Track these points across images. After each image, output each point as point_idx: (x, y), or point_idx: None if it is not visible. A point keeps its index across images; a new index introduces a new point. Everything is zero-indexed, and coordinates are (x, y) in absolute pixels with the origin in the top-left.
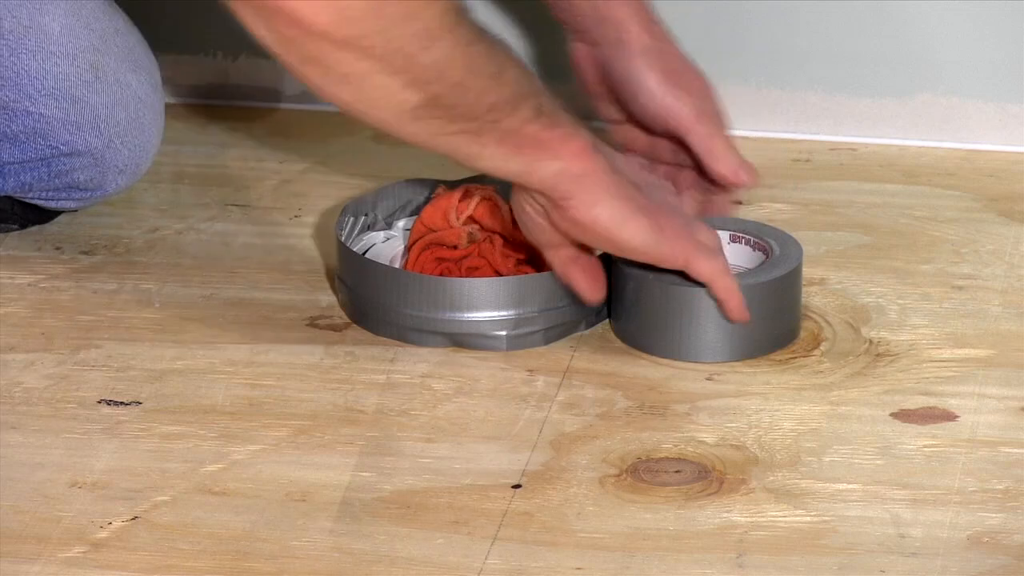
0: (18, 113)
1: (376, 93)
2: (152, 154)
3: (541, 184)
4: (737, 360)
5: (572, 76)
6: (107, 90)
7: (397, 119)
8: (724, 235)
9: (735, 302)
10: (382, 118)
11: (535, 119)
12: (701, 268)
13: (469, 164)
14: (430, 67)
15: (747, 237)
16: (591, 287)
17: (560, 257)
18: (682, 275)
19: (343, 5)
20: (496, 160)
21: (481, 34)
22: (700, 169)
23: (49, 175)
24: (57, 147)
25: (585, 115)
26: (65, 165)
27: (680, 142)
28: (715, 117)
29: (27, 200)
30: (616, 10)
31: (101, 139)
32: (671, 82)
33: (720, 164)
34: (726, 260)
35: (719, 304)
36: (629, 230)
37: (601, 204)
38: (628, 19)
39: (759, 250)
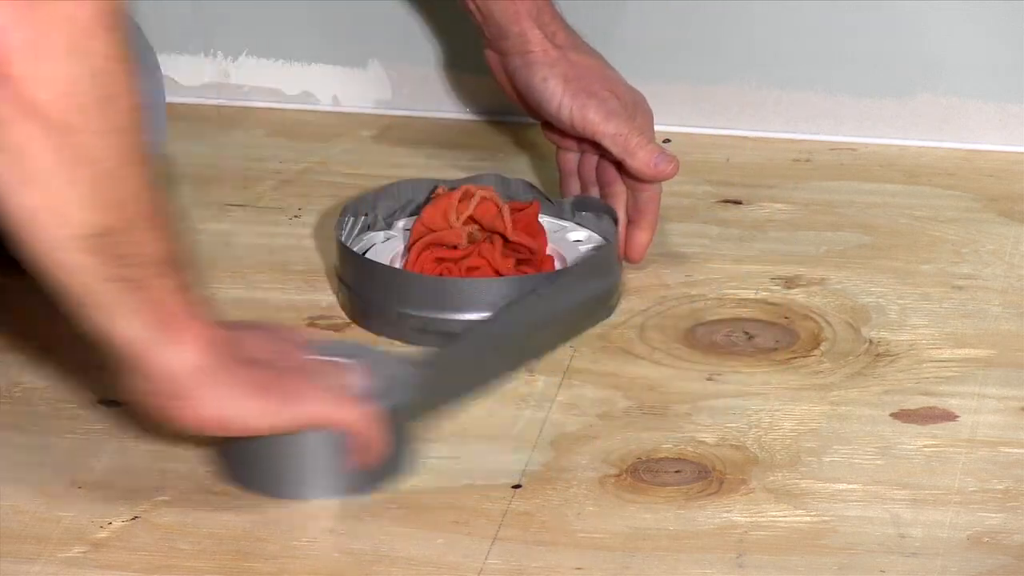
0: None
1: (54, 202)
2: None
3: (164, 375)
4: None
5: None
6: None
7: (58, 242)
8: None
9: (375, 449)
10: (43, 234)
11: (182, 290)
12: (341, 419)
13: (99, 331)
14: (118, 192)
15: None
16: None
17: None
18: None
19: (74, 88)
20: (132, 330)
21: (156, 181)
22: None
23: None
24: None
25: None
26: None
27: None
28: (624, 114)
29: None
30: (518, 20)
31: None
32: (574, 89)
33: (636, 161)
34: (363, 397)
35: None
36: (243, 419)
37: (212, 403)
38: (529, 29)
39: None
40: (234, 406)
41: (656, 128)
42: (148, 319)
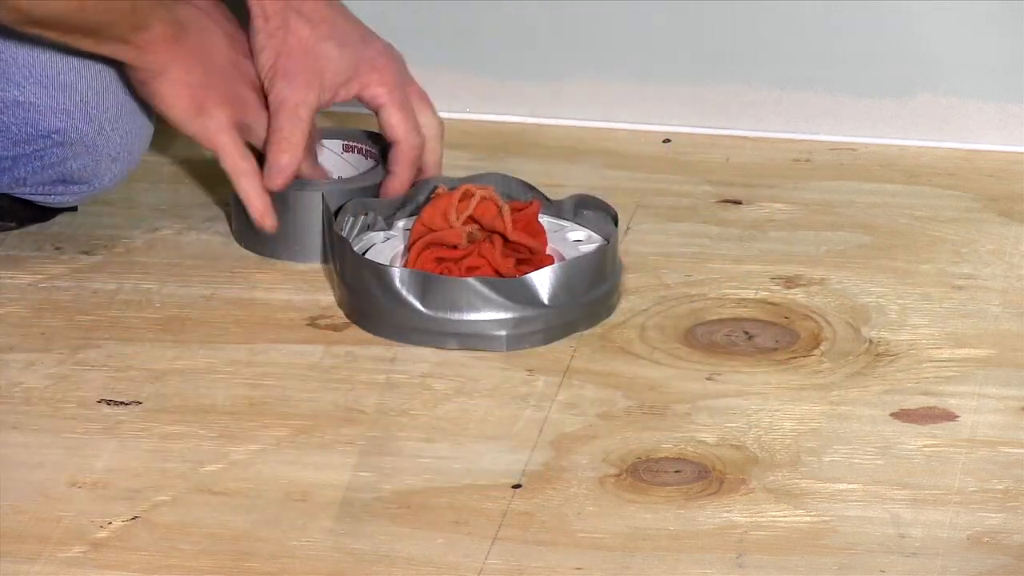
0: (7, 103)
1: None
2: (145, 141)
3: (129, 58)
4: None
5: None
6: (95, 76)
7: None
8: (336, 144)
9: (254, 205)
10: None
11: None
12: (224, 163)
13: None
14: None
15: (359, 146)
16: (259, 209)
17: (235, 168)
18: None
19: None
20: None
21: None
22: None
23: (42, 167)
24: (49, 136)
25: None
26: (57, 155)
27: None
28: (309, 80)
29: (24, 197)
30: None
31: (91, 125)
32: (281, 70)
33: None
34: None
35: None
36: (168, 105)
37: (156, 82)
38: (254, 5)
39: (371, 158)
40: (172, 94)
41: (656, 128)
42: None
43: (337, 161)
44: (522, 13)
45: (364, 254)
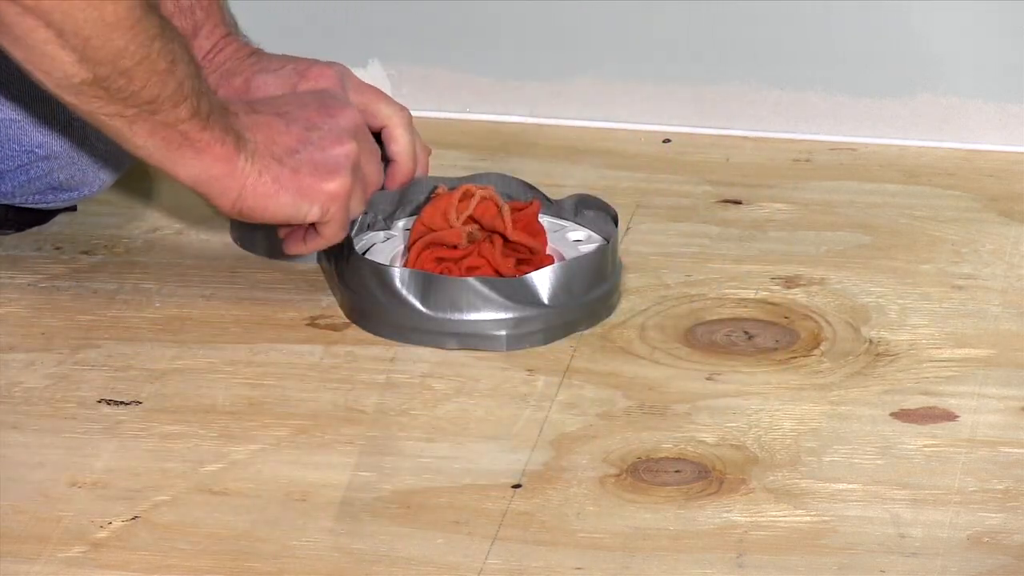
0: None
1: (46, 61)
2: None
3: (187, 181)
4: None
5: None
6: None
7: (59, 88)
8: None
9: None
10: (45, 83)
11: (190, 119)
12: (323, 230)
13: (123, 146)
14: (104, 53)
15: None
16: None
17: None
18: None
19: None
20: (147, 149)
21: (163, 29)
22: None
23: (28, 180)
24: (32, 151)
25: None
26: (42, 168)
27: None
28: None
29: (18, 205)
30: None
31: (74, 136)
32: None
33: None
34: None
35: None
36: (273, 211)
37: (241, 196)
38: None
39: None
40: (264, 198)
41: (656, 128)
42: (158, 141)
43: None
44: (522, 13)
45: (364, 254)
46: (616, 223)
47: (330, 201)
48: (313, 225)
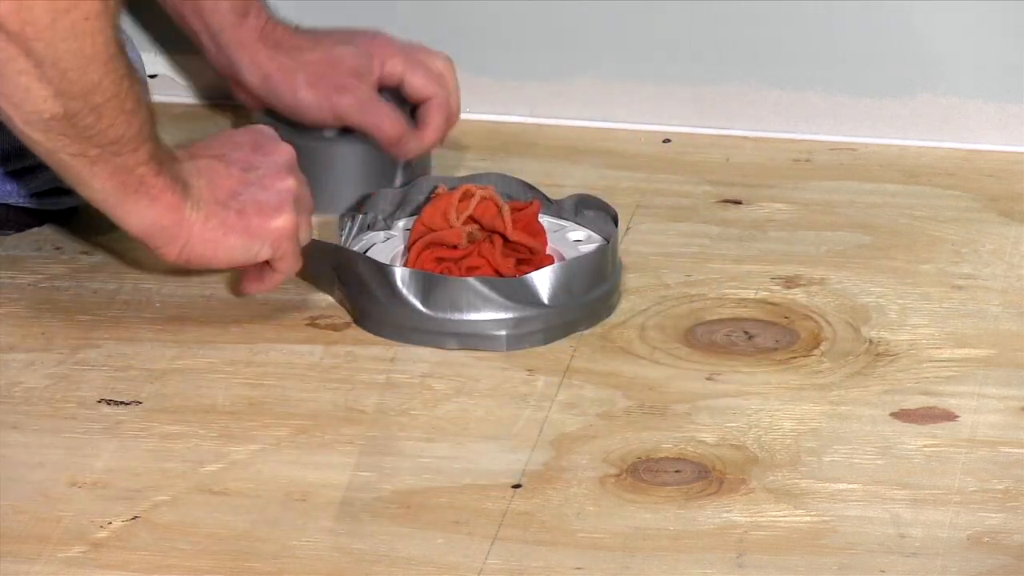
0: None
1: (19, 93)
2: None
3: (135, 229)
4: None
5: None
6: None
7: (26, 124)
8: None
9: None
10: (13, 117)
11: (147, 163)
12: (279, 265)
13: (77, 190)
14: (79, 87)
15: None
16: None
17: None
18: None
19: (27, 4)
20: (104, 193)
21: (129, 69)
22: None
23: (34, 183)
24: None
25: None
26: (48, 172)
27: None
28: (370, 96)
29: (19, 205)
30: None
31: None
32: (324, 90)
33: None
34: (305, 235)
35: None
36: (222, 255)
37: (189, 244)
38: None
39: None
40: (213, 246)
41: (656, 128)
42: (116, 184)
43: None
44: (522, 13)
45: (364, 254)
46: (616, 223)
47: (280, 238)
48: (267, 262)
